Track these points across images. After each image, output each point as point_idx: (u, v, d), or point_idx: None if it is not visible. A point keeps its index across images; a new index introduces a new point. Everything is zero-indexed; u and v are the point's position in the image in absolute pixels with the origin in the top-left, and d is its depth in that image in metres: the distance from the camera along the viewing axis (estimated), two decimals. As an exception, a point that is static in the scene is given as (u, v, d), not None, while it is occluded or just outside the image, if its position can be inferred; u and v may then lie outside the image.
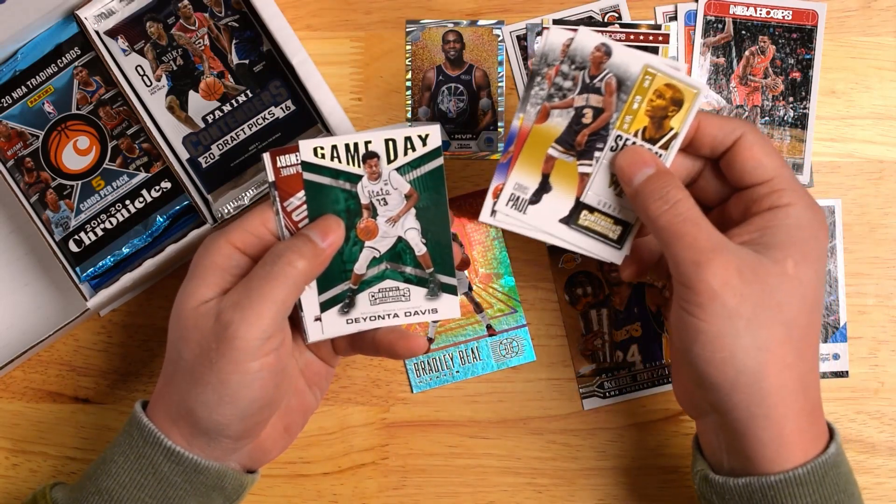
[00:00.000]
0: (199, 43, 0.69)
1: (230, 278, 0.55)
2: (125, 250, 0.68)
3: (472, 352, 0.70)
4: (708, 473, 0.55)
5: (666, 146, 0.56)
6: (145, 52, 0.69)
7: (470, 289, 0.70)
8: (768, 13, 0.70)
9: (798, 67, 0.70)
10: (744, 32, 0.70)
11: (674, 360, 0.60)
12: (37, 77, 0.69)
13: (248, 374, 0.53)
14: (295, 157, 0.57)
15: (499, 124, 0.70)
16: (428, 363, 0.70)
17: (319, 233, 0.56)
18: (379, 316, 0.59)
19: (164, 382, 0.56)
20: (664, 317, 0.69)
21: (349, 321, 0.59)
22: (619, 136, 0.56)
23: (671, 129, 0.55)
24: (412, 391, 0.70)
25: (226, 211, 0.67)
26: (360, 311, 0.59)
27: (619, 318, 0.70)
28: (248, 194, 0.67)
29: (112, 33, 0.69)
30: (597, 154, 0.56)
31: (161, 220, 0.68)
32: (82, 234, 0.68)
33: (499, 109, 0.71)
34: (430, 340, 0.70)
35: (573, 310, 0.70)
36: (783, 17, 0.70)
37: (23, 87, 0.69)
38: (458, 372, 0.70)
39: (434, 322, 0.70)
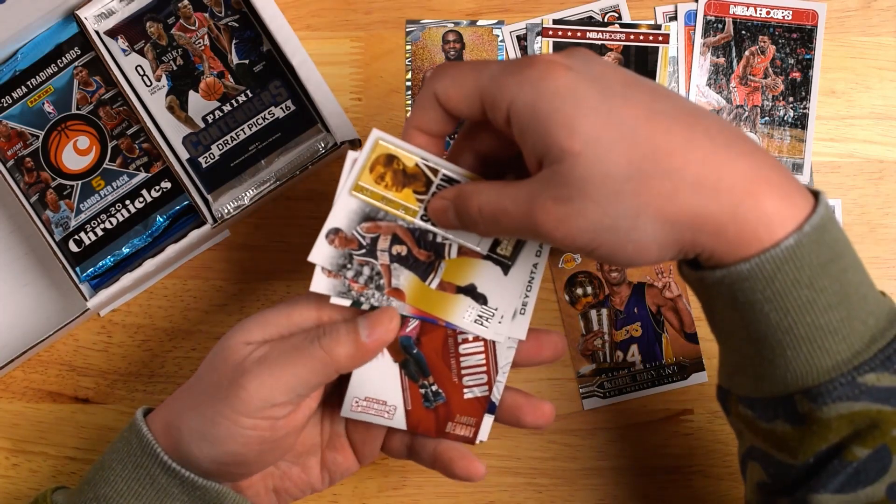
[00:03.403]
0: (199, 43, 0.69)
1: (282, 333, 0.55)
2: (125, 250, 0.68)
3: (472, 352, 0.70)
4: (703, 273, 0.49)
5: (427, 185, 0.53)
6: (145, 52, 0.69)
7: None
8: (768, 13, 0.70)
9: (798, 67, 0.70)
10: (744, 32, 0.70)
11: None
12: (37, 77, 0.69)
13: (236, 425, 0.52)
14: None
15: (499, 124, 0.70)
16: (428, 363, 0.70)
17: (368, 324, 0.53)
18: None
19: (181, 391, 0.56)
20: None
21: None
22: (413, 221, 0.54)
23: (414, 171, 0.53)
24: (412, 391, 0.70)
25: (226, 211, 0.67)
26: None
27: (619, 318, 0.70)
28: (248, 194, 0.67)
29: (112, 33, 0.69)
30: (439, 242, 0.55)
31: (161, 220, 0.68)
32: (82, 234, 0.68)
33: (499, 109, 0.70)
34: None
35: (573, 310, 0.70)
36: (783, 17, 0.70)
37: (23, 87, 0.69)
38: (458, 372, 0.70)
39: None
